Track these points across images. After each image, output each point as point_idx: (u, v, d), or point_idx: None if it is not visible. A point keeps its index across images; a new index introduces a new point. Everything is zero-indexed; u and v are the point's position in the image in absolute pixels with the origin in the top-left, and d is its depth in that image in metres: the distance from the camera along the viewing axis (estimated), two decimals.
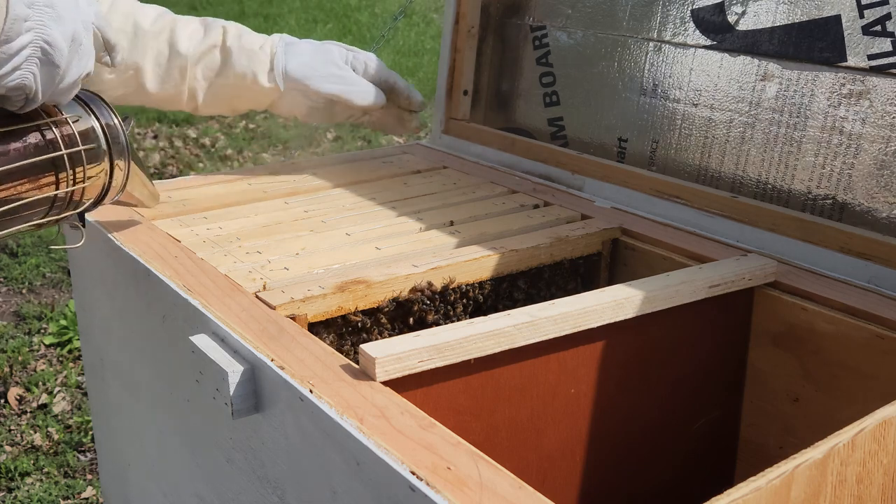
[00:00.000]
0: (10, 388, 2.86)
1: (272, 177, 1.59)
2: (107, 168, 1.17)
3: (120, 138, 1.17)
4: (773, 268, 1.19)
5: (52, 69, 1.01)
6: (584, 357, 1.10)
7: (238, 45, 1.50)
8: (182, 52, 1.47)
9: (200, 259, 1.21)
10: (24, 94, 1.02)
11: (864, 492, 0.84)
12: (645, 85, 1.54)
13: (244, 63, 1.49)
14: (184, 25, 1.50)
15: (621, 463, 1.18)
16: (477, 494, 0.73)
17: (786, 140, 1.35)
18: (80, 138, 1.12)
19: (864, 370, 1.09)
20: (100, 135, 1.15)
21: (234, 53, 1.49)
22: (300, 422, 0.90)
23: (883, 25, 1.23)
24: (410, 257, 1.24)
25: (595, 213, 1.40)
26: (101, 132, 1.15)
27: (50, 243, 3.83)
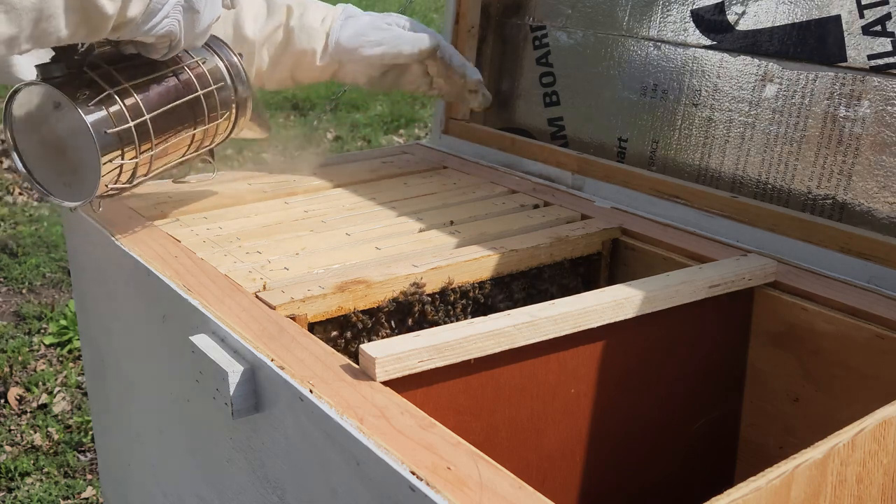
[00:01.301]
0: (10, 388, 2.86)
1: (272, 177, 1.59)
2: (234, 103, 1.30)
3: (241, 74, 1.31)
4: (773, 268, 1.19)
5: (193, 15, 1.10)
6: (584, 357, 1.10)
7: (300, 25, 1.51)
8: (249, 36, 1.49)
9: (200, 259, 1.21)
10: (168, 41, 1.12)
11: (864, 492, 0.84)
12: (645, 85, 1.54)
13: (304, 40, 1.51)
14: (248, 7, 1.51)
15: (621, 463, 1.18)
16: (477, 494, 0.73)
17: (786, 140, 1.35)
18: (210, 78, 1.25)
19: (864, 370, 1.09)
20: (225, 73, 1.28)
21: (296, 32, 1.51)
22: (300, 422, 0.90)
23: (883, 25, 1.23)
24: (410, 257, 1.24)
25: (595, 213, 1.40)
26: (227, 71, 1.28)
27: (50, 244, 3.83)
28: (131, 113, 1.13)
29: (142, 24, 1.06)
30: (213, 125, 1.27)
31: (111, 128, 1.11)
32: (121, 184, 1.17)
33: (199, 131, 1.25)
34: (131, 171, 1.16)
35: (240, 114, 1.32)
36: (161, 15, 1.06)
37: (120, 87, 1.14)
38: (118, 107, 1.12)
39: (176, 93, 1.20)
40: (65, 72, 1.12)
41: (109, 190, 1.16)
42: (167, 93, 1.19)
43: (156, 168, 1.22)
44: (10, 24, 0.93)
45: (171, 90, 1.20)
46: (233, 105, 1.31)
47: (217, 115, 1.27)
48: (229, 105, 1.30)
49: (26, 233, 3.96)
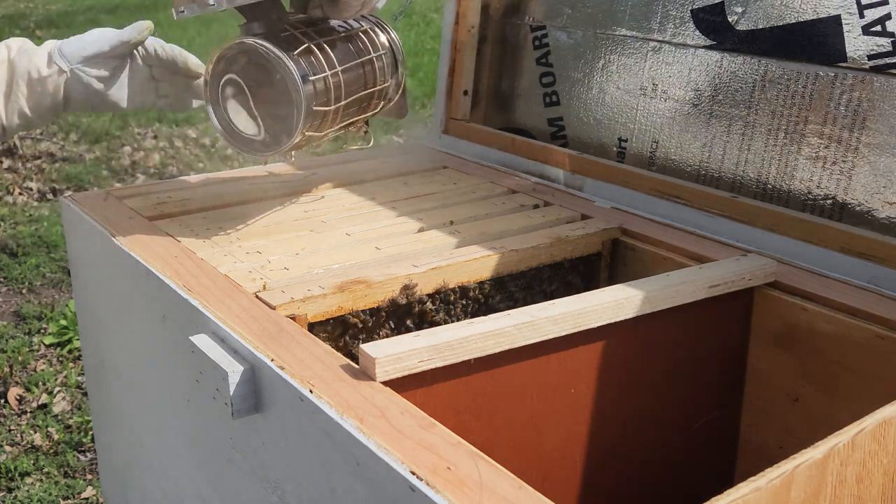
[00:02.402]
0: (10, 388, 2.86)
1: (272, 177, 1.59)
2: (395, 72, 1.40)
3: (400, 51, 1.41)
4: (773, 268, 1.19)
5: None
6: (584, 357, 1.10)
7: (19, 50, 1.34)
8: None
9: (200, 259, 1.21)
10: None
11: (864, 492, 0.84)
12: (645, 85, 1.54)
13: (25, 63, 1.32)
14: None
15: (621, 463, 1.18)
16: (477, 494, 0.73)
17: (786, 140, 1.35)
18: (380, 46, 1.37)
19: (864, 370, 1.09)
20: (388, 45, 1.39)
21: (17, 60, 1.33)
22: (300, 422, 0.90)
23: (883, 25, 1.23)
24: (410, 257, 1.24)
25: (595, 213, 1.40)
26: (390, 45, 1.39)
27: (50, 244, 3.83)
28: (327, 66, 1.24)
29: None
30: (379, 89, 1.37)
31: (311, 76, 1.21)
32: (312, 132, 1.25)
33: (369, 91, 1.35)
34: (319, 122, 1.25)
35: (396, 87, 1.41)
36: None
37: (316, 42, 1.24)
38: (315, 61, 1.23)
39: (356, 54, 1.32)
40: (264, 30, 1.23)
41: (301, 140, 1.24)
42: (349, 52, 1.31)
43: (335, 126, 1.31)
44: None
45: (352, 51, 1.31)
46: (394, 75, 1.40)
47: (384, 80, 1.37)
48: (388, 77, 1.39)
49: (26, 233, 3.96)
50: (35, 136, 5.04)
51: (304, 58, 1.22)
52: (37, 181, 4.59)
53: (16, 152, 4.87)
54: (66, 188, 4.50)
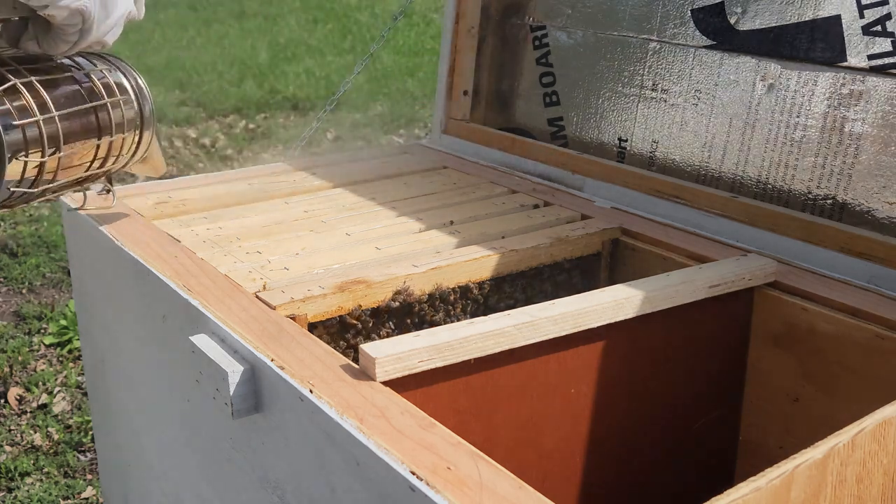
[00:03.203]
0: (10, 388, 2.86)
1: (272, 177, 1.59)
2: (139, 120, 1.20)
3: (146, 95, 1.20)
4: (773, 268, 1.19)
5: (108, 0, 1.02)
6: (584, 357, 1.10)
7: None
8: None
9: (200, 259, 1.21)
10: (79, 25, 1.02)
11: (864, 492, 0.84)
12: (645, 85, 1.54)
13: None
14: None
15: (621, 463, 1.18)
16: (477, 494, 0.73)
17: (786, 140, 1.35)
18: (116, 89, 1.16)
19: (864, 370, 1.09)
20: (130, 90, 1.18)
21: None
22: (300, 422, 0.90)
23: (883, 25, 1.23)
24: (410, 257, 1.24)
25: (595, 213, 1.40)
26: (132, 88, 1.19)
27: (50, 244, 3.83)
28: (39, 109, 1.05)
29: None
30: (118, 138, 1.17)
31: (15, 120, 1.03)
32: (24, 186, 1.07)
33: (104, 143, 1.15)
34: (34, 176, 1.07)
35: (143, 136, 1.22)
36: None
37: (26, 80, 1.05)
38: (25, 102, 1.05)
39: (82, 98, 1.12)
40: None
41: (13, 193, 1.06)
42: (73, 96, 1.11)
43: (59, 180, 1.12)
44: None
45: (77, 94, 1.12)
46: (138, 123, 1.20)
47: (123, 129, 1.18)
48: (134, 123, 1.20)
49: (26, 233, 3.96)
50: None
51: (6, 97, 1.03)
52: None
53: None
54: None
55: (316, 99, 5.87)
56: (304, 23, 8.07)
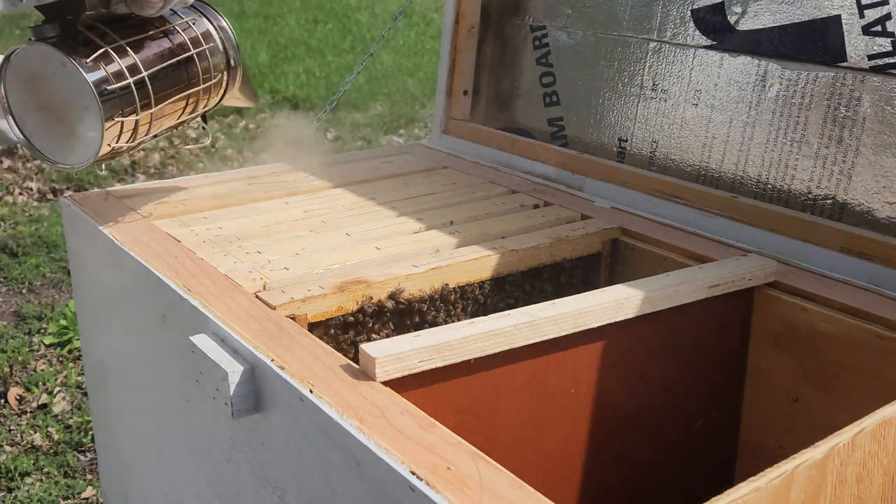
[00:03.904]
0: (10, 388, 2.86)
1: (272, 177, 1.59)
2: (225, 66, 1.30)
3: (232, 39, 1.30)
4: (773, 268, 1.19)
5: None
6: (584, 357, 1.09)
7: None
8: None
9: (200, 259, 1.21)
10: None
11: (864, 492, 0.84)
12: (645, 85, 1.54)
13: None
14: None
15: (621, 463, 1.18)
16: (477, 494, 0.73)
17: (786, 140, 1.35)
18: (202, 39, 1.25)
19: (864, 370, 1.09)
20: (216, 36, 1.28)
21: None
22: (300, 422, 0.90)
23: (883, 25, 1.23)
24: (410, 257, 1.24)
25: (595, 213, 1.40)
26: (217, 34, 1.28)
27: (50, 244, 3.83)
28: (130, 71, 1.13)
29: None
30: (206, 86, 1.27)
31: (111, 84, 1.11)
32: (123, 143, 1.16)
33: (193, 92, 1.25)
34: (132, 130, 1.16)
35: (231, 78, 1.32)
36: None
37: (116, 44, 1.13)
38: (117, 65, 1.12)
39: (170, 53, 1.20)
40: (58, 32, 1.11)
41: (113, 149, 1.16)
42: (161, 52, 1.19)
43: (155, 129, 1.21)
44: None
45: (165, 50, 1.20)
46: (224, 69, 1.30)
47: (210, 77, 1.27)
48: (221, 68, 1.29)
49: (26, 233, 3.96)
50: None
51: (102, 62, 1.11)
52: (37, 181, 4.59)
53: (16, 152, 4.86)
54: (66, 188, 4.50)
55: (316, 99, 5.87)
56: (304, 23, 8.07)
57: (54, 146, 1.16)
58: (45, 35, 1.11)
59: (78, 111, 1.11)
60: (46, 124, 1.15)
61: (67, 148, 1.15)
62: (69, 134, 1.14)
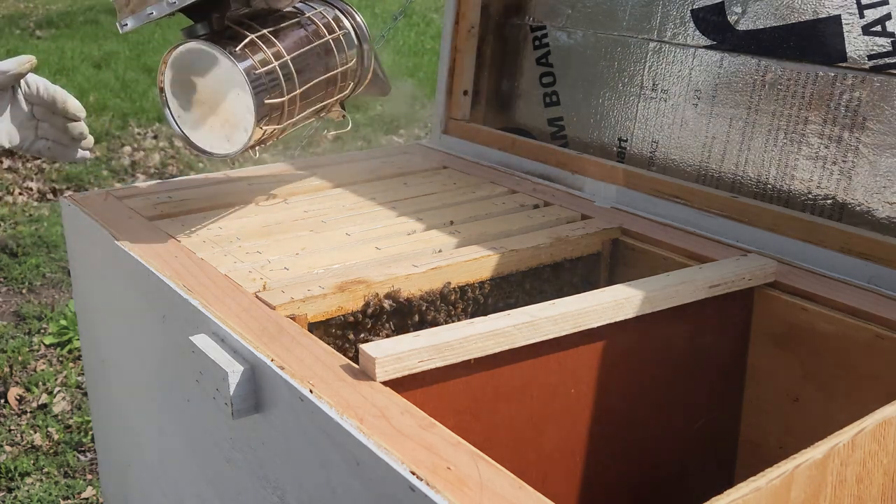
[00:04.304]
0: (10, 388, 2.86)
1: (272, 177, 1.59)
2: (358, 54, 1.38)
3: (363, 28, 1.39)
4: (773, 268, 1.19)
5: None
6: (584, 357, 1.09)
7: None
8: None
9: (200, 259, 1.21)
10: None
11: (864, 492, 0.84)
12: (645, 85, 1.54)
13: None
14: None
15: (621, 463, 1.18)
16: (477, 494, 0.73)
17: (786, 140, 1.35)
18: (335, 25, 1.34)
19: (864, 370, 1.09)
20: (348, 25, 1.37)
21: None
22: (300, 422, 0.90)
23: (883, 25, 1.23)
24: (410, 257, 1.24)
25: (595, 213, 1.40)
26: (349, 24, 1.37)
27: (50, 244, 3.83)
28: (275, 57, 1.23)
29: None
30: (343, 70, 1.35)
31: (258, 70, 1.20)
32: (272, 126, 1.24)
33: (332, 76, 1.33)
34: (279, 114, 1.24)
35: (365, 67, 1.40)
36: None
37: (259, 33, 1.23)
38: (262, 53, 1.22)
39: (307, 39, 1.30)
40: (208, 30, 1.22)
41: (265, 133, 1.24)
42: (301, 39, 1.29)
43: (299, 114, 1.29)
44: None
45: (304, 37, 1.29)
46: (357, 55, 1.38)
47: (347, 59, 1.35)
48: (354, 55, 1.37)
49: (26, 233, 3.96)
50: None
51: (248, 51, 1.21)
52: (37, 181, 4.59)
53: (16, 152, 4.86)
54: (66, 188, 4.50)
55: None
56: None
57: (210, 138, 1.25)
58: (197, 33, 1.22)
59: (230, 100, 1.21)
60: (202, 118, 1.25)
61: (223, 137, 1.24)
62: (223, 124, 1.23)
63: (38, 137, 1.31)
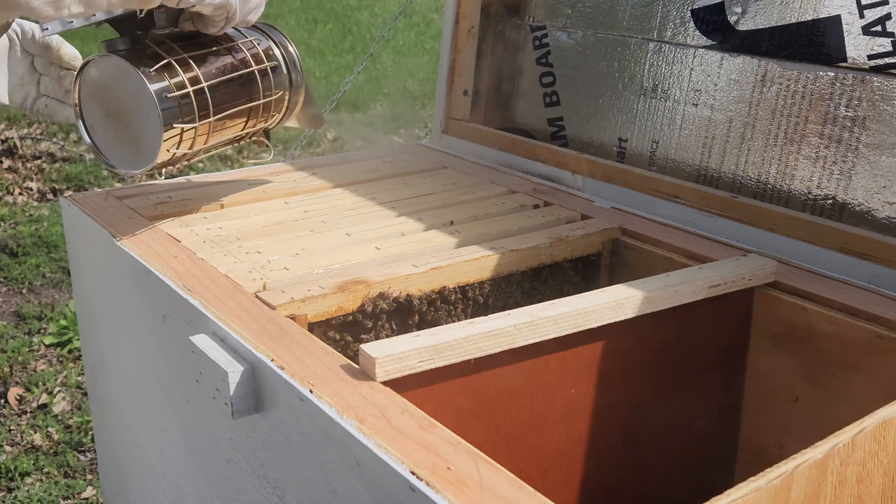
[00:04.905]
0: (10, 388, 2.86)
1: (272, 177, 1.59)
2: (287, 86, 1.34)
3: (296, 61, 1.35)
4: (773, 268, 1.19)
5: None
6: (584, 357, 1.10)
7: None
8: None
9: (200, 259, 1.21)
10: (225, 13, 1.15)
11: (864, 492, 0.84)
12: (645, 85, 1.54)
13: None
14: None
15: (621, 463, 1.18)
16: (477, 494, 0.73)
17: (786, 140, 1.35)
18: (264, 57, 1.31)
19: (864, 370, 1.09)
20: (279, 56, 1.33)
21: None
22: (300, 422, 0.90)
23: (883, 25, 1.23)
24: (410, 257, 1.24)
25: (595, 213, 1.40)
26: (281, 54, 1.33)
27: (50, 244, 3.83)
28: (191, 82, 1.20)
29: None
30: (266, 102, 1.32)
31: (172, 93, 1.18)
32: (182, 150, 1.22)
33: (253, 106, 1.30)
34: (191, 139, 1.22)
35: (293, 97, 1.37)
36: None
37: (179, 57, 1.20)
38: (179, 77, 1.19)
39: (232, 68, 1.27)
40: (128, 45, 1.19)
41: (172, 157, 1.21)
42: (224, 67, 1.26)
43: (213, 140, 1.27)
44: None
45: (228, 65, 1.26)
46: (287, 88, 1.35)
47: (271, 94, 1.32)
48: (283, 87, 1.34)
49: (26, 233, 3.96)
50: (35, 136, 5.04)
51: (166, 73, 1.18)
52: (37, 181, 4.59)
53: (16, 152, 4.86)
54: (66, 188, 4.50)
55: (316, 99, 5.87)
56: (304, 23, 8.07)
57: (119, 153, 1.23)
58: (117, 48, 1.19)
59: (141, 119, 1.18)
60: (113, 132, 1.22)
61: (130, 154, 1.22)
62: (133, 141, 1.21)
63: (40, 94, 1.32)
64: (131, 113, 1.19)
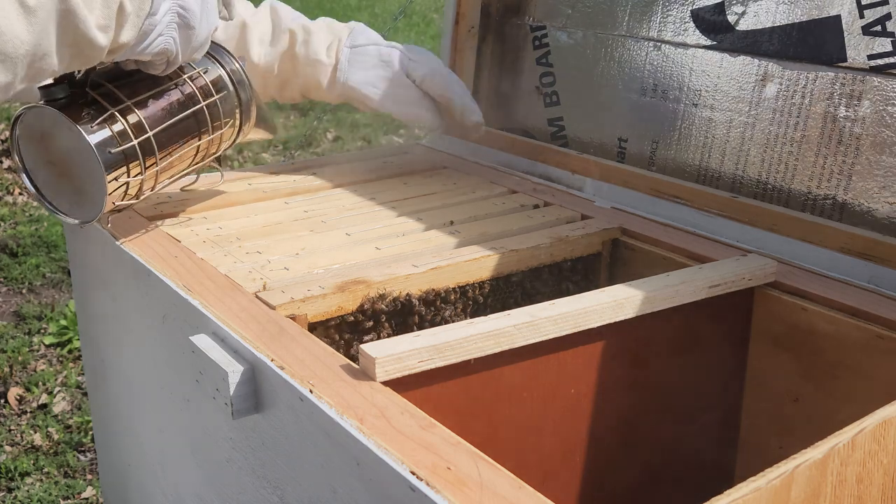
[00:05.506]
0: (10, 388, 2.86)
1: (272, 177, 1.59)
2: (238, 110, 1.31)
3: (244, 81, 1.31)
4: (773, 268, 1.19)
5: (188, 31, 1.11)
6: (584, 357, 1.10)
7: (304, 54, 1.54)
8: (255, 60, 1.52)
9: (200, 259, 1.21)
10: (165, 58, 1.12)
11: (864, 492, 0.84)
12: (645, 85, 1.54)
13: (310, 73, 1.54)
14: (255, 28, 1.52)
15: (621, 463, 1.18)
16: (477, 494, 0.73)
17: (786, 140, 1.35)
18: (213, 88, 1.26)
19: (864, 370, 1.09)
20: (227, 81, 1.28)
21: (301, 62, 1.54)
22: (300, 422, 0.90)
23: (883, 25, 1.23)
24: (410, 257, 1.24)
25: (595, 213, 1.40)
26: (229, 78, 1.29)
27: (50, 244, 3.83)
28: (135, 130, 1.14)
29: (136, 47, 1.06)
30: (217, 134, 1.28)
31: (115, 147, 1.12)
32: (128, 199, 1.18)
33: (203, 142, 1.26)
34: (137, 186, 1.18)
35: (244, 119, 1.33)
36: (154, 34, 1.06)
37: (122, 105, 1.14)
38: (121, 125, 1.13)
39: (179, 106, 1.21)
40: (67, 92, 1.12)
41: (117, 206, 1.17)
42: (170, 107, 1.20)
43: (162, 180, 1.23)
44: (6, 72, 0.92)
45: (175, 104, 1.20)
46: (237, 112, 1.31)
47: (221, 125, 1.28)
48: (233, 113, 1.31)
49: (26, 233, 3.96)
50: None
51: (107, 123, 1.12)
52: None
53: None
54: None
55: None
56: None
57: (63, 200, 1.19)
58: (55, 96, 1.12)
59: (84, 171, 1.14)
60: (57, 179, 1.18)
61: (75, 203, 1.18)
62: (77, 191, 1.17)
63: None
64: (75, 163, 1.14)
